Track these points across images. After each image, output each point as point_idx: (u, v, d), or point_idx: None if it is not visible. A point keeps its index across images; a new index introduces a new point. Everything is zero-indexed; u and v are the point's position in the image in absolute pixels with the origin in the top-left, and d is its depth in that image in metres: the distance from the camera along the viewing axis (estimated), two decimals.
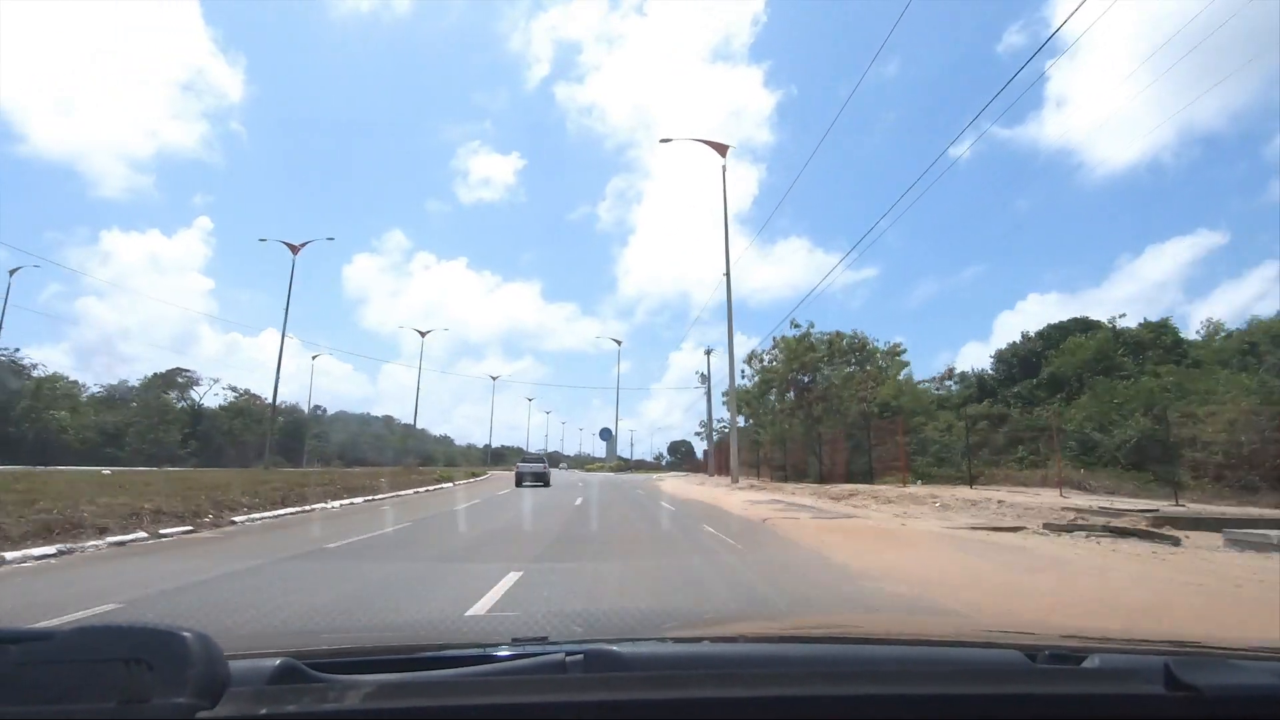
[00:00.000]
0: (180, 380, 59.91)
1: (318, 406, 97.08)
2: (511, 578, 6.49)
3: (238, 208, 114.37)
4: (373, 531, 10.85)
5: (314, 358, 64.14)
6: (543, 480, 30.25)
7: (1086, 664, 1.05)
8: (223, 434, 57.86)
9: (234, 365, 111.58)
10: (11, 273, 39.64)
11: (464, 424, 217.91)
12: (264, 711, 0.79)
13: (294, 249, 36.33)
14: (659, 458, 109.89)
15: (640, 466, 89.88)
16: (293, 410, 71.21)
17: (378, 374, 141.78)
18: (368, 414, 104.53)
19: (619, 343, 64.05)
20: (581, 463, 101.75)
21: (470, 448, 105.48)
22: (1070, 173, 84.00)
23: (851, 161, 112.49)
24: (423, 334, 55.46)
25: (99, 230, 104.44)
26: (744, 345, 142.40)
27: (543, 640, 1.34)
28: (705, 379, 47.59)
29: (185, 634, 0.75)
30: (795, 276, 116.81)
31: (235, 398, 66.26)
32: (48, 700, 0.71)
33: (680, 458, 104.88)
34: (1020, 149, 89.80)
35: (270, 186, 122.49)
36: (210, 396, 62.99)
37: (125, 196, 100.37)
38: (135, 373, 64.58)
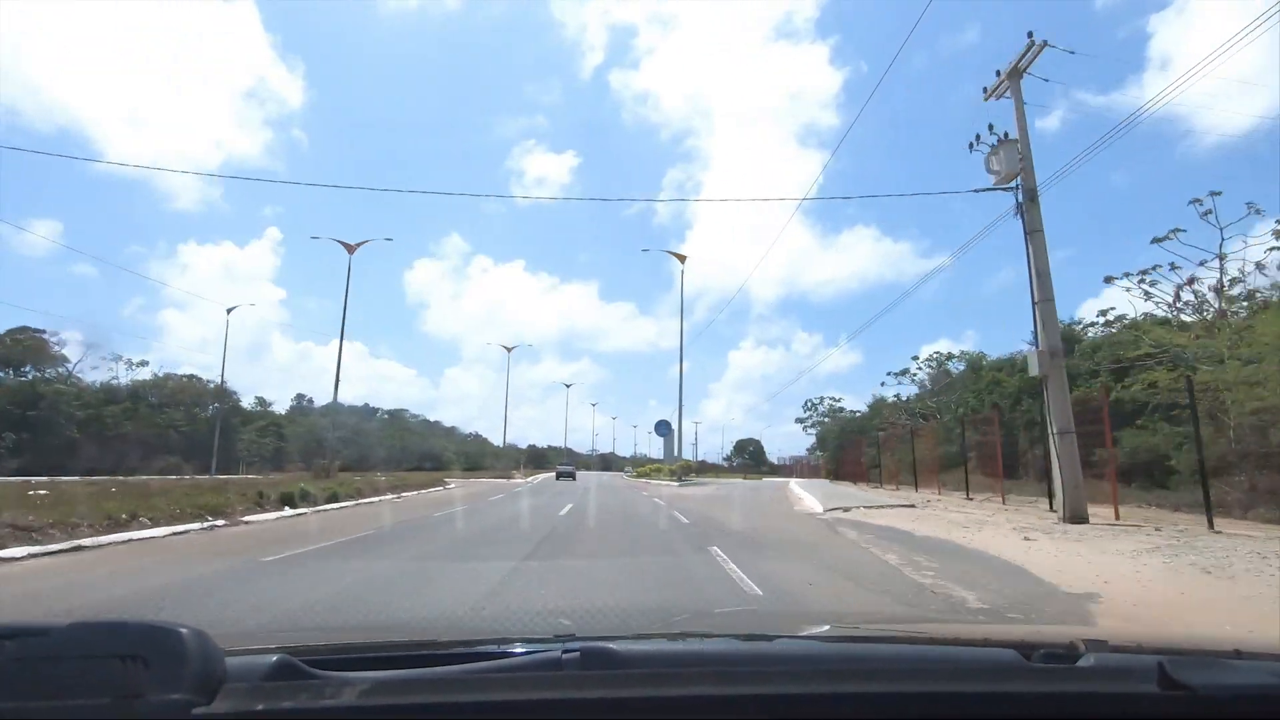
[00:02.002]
0: (25, 342, 39.75)
1: (302, 396, 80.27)
2: None
3: (303, 216, 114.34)
4: None
5: (228, 311, 43.58)
6: (571, 477, 42.94)
7: (1081, 663, 1.04)
8: (94, 425, 38.43)
9: (302, 373, 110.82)
10: None
11: (521, 426, 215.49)
12: (260, 708, 0.77)
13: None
14: (729, 459, 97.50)
15: (704, 469, 67.60)
16: (225, 396, 51.08)
17: (440, 379, 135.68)
18: (368, 406, 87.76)
19: (683, 258, 40.19)
20: (637, 464, 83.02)
21: (510, 448, 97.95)
22: (1173, 142, 72.37)
23: (923, 139, 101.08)
24: (352, 249, 33.60)
25: (175, 244, 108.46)
26: (805, 342, 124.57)
27: (539, 637, 1.34)
28: (1020, 191, 12.54)
29: (182, 630, 0.74)
30: (862, 266, 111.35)
31: (138, 377, 46.89)
32: (44, 696, 0.70)
33: (749, 458, 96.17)
34: (1117, 118, 68.48)
35: (333, 193, 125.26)
36: (110, 373, 43.93)
37: (198, 209, 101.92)
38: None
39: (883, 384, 46.77)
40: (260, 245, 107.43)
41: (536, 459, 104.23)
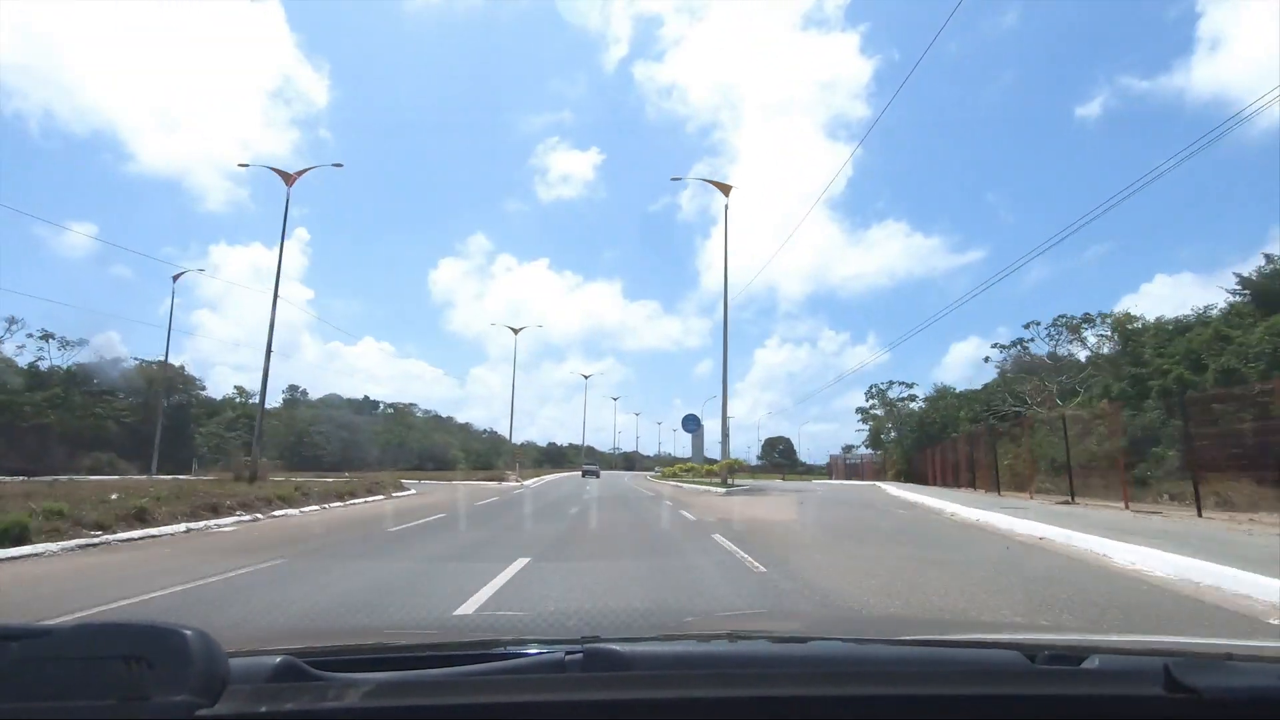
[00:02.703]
0: None
1: (295, 387, 73.49)
2: None
3: (330, 216, 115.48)
4: None
5: (175, 279, 36.46)
6: (596, 475, 45.89)
7: (1086, 664, 1.03)
8: (3, 415, 31.51)
9: (335, 370, 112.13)
10: None
11: (546, 425, 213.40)
12: (264, 709, 0.78)
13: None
14: (761, 458, 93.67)
15: (734, 469, 59.28)
16: (185, 383, 43.90)
17: (466, 378, 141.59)
18: (367, 398, 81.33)
19: (727, 189, 30.87)
20: (663, 464, 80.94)
21: (529, 446, 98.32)
22: (1222, 130, 54.98)
23: (957, 132, 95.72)
24: (290, 179, 26.22)
25: (207, 244, 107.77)
26: (833, 340, 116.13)
27: (542, 639, 1.34)
28: None
29: (185, 631, 0.75)
30: (892, 263, 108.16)
31: (80, 360, 39.98)
32: (47, 697, 0.71)
33: (779, 457, 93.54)
34: (1161, 103, 75.48)
35: (358, 193, 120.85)
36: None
37: (227, 210, 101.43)
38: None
39: (986, 359, 38.41)
40: (288, 246, 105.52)
41: (556, 457, 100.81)
